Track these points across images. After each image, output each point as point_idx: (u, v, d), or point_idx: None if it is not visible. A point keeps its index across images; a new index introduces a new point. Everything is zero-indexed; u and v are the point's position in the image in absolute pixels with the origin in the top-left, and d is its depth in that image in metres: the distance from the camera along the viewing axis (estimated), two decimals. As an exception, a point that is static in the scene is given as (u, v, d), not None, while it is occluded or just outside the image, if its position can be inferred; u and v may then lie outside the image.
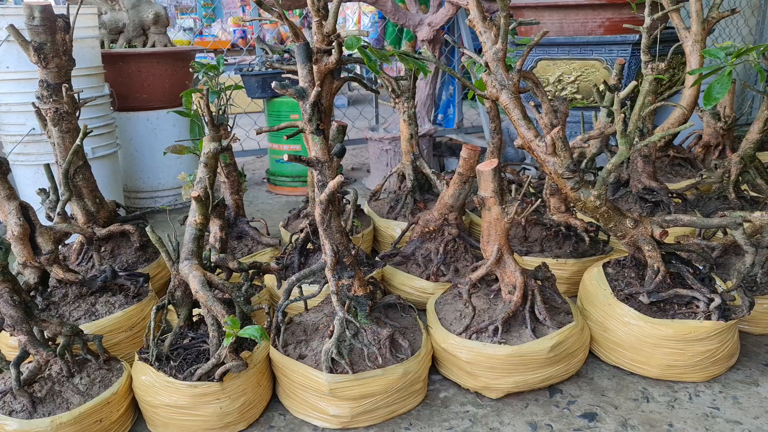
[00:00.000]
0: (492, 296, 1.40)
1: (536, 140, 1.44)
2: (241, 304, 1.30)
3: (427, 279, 1.69)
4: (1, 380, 1.21)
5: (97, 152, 2.33)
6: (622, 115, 1.30)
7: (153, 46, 2.81)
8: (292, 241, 1.89)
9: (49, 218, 1.53)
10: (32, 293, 1.42)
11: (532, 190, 2.23)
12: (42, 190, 1.56)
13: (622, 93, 1.41)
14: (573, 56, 2.88)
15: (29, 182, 2.28)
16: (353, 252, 1.35)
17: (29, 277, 1.42)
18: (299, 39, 1.52)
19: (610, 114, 2.09)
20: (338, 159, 1.44)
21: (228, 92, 1.92)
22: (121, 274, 1.51)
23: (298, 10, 6.74)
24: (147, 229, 1.30)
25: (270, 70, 2.95)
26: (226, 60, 2.34)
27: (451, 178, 1.71)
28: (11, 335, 1.31)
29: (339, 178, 1.21)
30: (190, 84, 3.00)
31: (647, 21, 1.94)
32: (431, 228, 1.80)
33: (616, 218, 1.41)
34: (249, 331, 1.15)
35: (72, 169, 1.65)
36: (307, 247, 1.75)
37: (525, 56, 1.50)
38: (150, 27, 2.77)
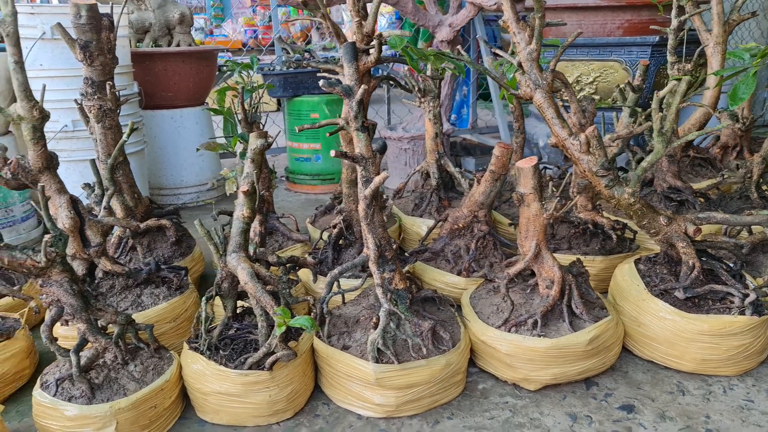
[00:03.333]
0: (528, 291, 1.44)
1: (570, 138, 1.48)
2: (286, 295, 1.33)
3: (458, 275, 1.73)
4: (56, 368, 1.24)
5: (127, 149, 2.36)
6: (660, 114, 1.33)
7: (178, 45, 2.85)
8: (322, 236, 1.93)
9: (91, 212, 1.56)
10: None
11: (554, 189, 2.26)
12: (87, 185, 1.60)
13: (663, 92, 1.44)
14: (592, 57, 2.91)
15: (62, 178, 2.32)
16: (394, 246, 1.38)
17: (78, 268, 1.45)
18: (340, 38, 1.56)
19: (633, 114, 2.12)
20: (380, 155, 1.47)
21: (260, 90, 1.96)
22: (163, 267, 1.55)
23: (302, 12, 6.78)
24: (196, 222, 1.33)
25: (292, 69, 2.99)
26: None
27: (482, 176, 1.75)
28: (64, 324, 1.36)
29: (384, 174, 1.25)
30: (213, 83, 3.04)
31: (674, 23, 1.97)
32: (460, 225, 1.83)
33: (650, 215, 1.44)
34: (300, 321, 1.19)
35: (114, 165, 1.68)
36: (339, 242, 1.79)
37: (559, 56, 1.54)
38: (175, 27, 2.81)
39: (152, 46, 2.81)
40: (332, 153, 1.28)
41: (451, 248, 1.83)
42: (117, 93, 1.66)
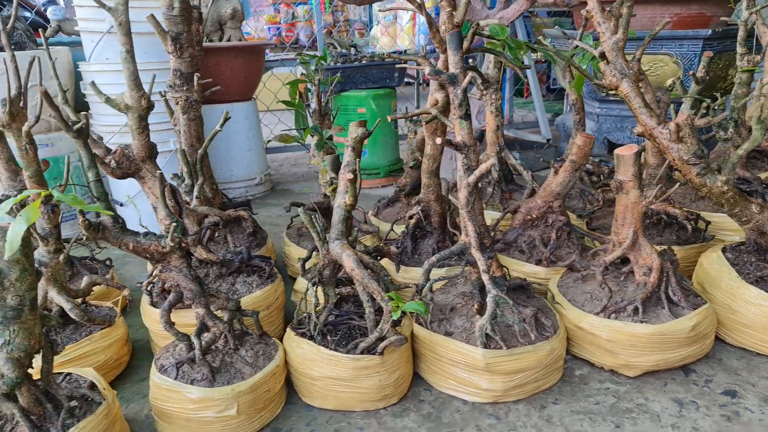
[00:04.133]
0: (622, 278, 1.45)
1: (659, 127, 1.49)
2: (388, 282, 1.35)
3: (536, 264, 1.74)
4: (168, 353, 1.26)
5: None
6: (761, 101, 1.34)
7: (229, 40, 2.87)
8: (393, 228, 1.95)
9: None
10: (177, 272, 1.47)
11: (591, 181, 2.26)
12: (176, 175, 1.61)
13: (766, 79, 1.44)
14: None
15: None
16: (491, 234, 1.39)
17: (174, 257, 1.47)
18: (432, 29, 1.57)
19: (694, 106, 2.13)
20: (479, 143, 1.48)
21: (332, 83, 1.98)
22: (254, 256, 1.56)
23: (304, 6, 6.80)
24: (300, 210, 1.35)
25: (339, 64, 3.00)
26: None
27: (560, 166, 1.76)
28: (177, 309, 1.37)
29: (492, 161, 1.26)
30: (260, 78, 3.05)
31: (745, 14, 1.98)
32: (534, 215, 1.84)
33: (742, 204, 1.45)
34: (413, 306, 1.20)
35: (194, 156, 1.70)
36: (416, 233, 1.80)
37: (645, 46, 1.54)
38: (227, 22, 2.83)
39: (205, 41, 2.83)
40: (438, 140, 1.29)
41: (525, 239, 1.84)
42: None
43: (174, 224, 1.12)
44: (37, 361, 1.07)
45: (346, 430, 1.23)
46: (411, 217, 1.81)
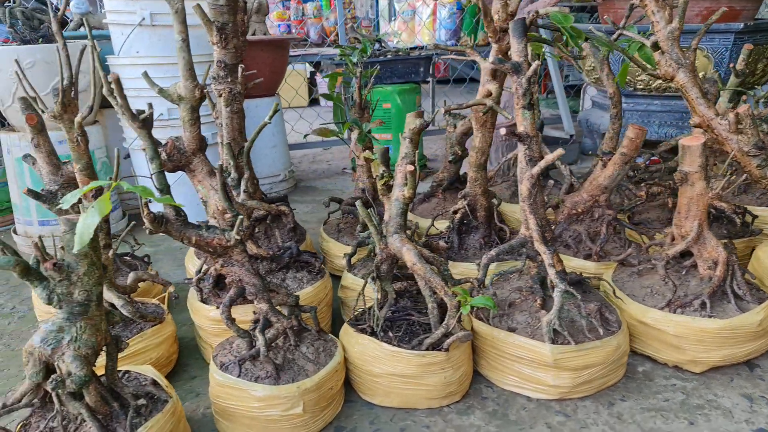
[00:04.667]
0: (684, 273, 1.42)
1: (718, 118, 1.45)
2: (448, 277, 1.31)
3: (584, 259, 1.71)
4: (224, 349, 1.23)
5: (216, 138, 2.35)
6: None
7: (254, 34, 2.84)
8: (433, 223, 1.91)
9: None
10: (228, 268, 1.44)
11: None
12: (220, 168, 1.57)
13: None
14: (669, 45, 2.87)
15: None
16: (552, 227, 1.36)
17: (224, 252, 1.44)
18: (487, 17, 1.53)
19: (732, 99, 2.10)
20: (540, 133, 1.45)
21: (371, 77, 1.94)
22: (302, 251, 1.53)
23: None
24: (357, 203, 1.32)
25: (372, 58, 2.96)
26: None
27: (609, 159, 1.72)
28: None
29: (560, 151, 1.23)
30: (285, 73, 3.02)
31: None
32: (579, 210, 1.81)
33: (805, 195, 1.42)
34: (482, 301, 1.17)
35: (236, 149, 1.67)
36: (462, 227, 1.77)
37: (701, 35, 1.52)
38: (252, 16, 2.79)
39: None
40: (503, 131, 1.26)
41: (570, 233, 1.81)
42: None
43: (240, 218, 1.09)
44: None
45: (411, 428, 1.19)
46: (455, 212, 1.78)
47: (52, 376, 0.95)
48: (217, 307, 1.38)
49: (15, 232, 2.36)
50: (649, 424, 1.18)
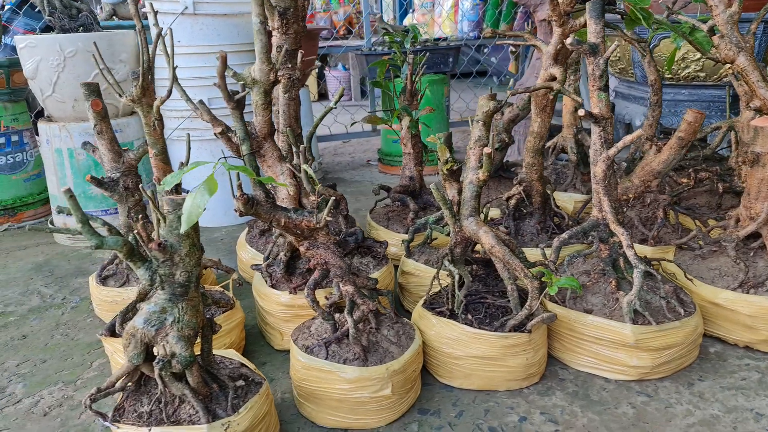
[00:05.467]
0: (751, 254, 1.42)
1: (781, 101, 1.46)
2: (524, 259, 1.31)
3: (639, 244, 1.71)
4: (302, 333, 1.22)
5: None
6: None
7: (284, 25, 2.82)
8: (484, 210, 1.91)
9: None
10: (296, 252, 1.44)
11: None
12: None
13: None
14: (699, 34, 2.88)
15: (191, 158, 2.30)
16: (623, 211, 1.36)
17: (292, 237, 1.44)
18: (553, 2, 1.53)
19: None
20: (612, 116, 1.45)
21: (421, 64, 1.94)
22: (366, 238, 1.53)
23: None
24: (432, 186, 1.32)
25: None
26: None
27: (664, 144, 1.73)
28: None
29: (639, 132, 1.23)
30: (314, 64, 3.01)
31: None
32: (630, 195, 1.81)
33: None
34: (567, 282, 1.17)
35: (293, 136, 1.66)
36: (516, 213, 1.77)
37: (760, 19, 1.52)
38: (282, 6, 2.77)
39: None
40: (580, 112, 1.26)
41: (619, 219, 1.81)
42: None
43: (332, 199, 1.08)
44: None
45: (495, 409, 1.19)
46: (508, 198, 1.78)
47: (158, 356, 0.95)
48: (290, 292, 1.38)
49: (52, 224, 2.35)
50: (732, 402, 1.18)
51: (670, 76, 3.04)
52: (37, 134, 2.37)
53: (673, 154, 1.72)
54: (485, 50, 4.29)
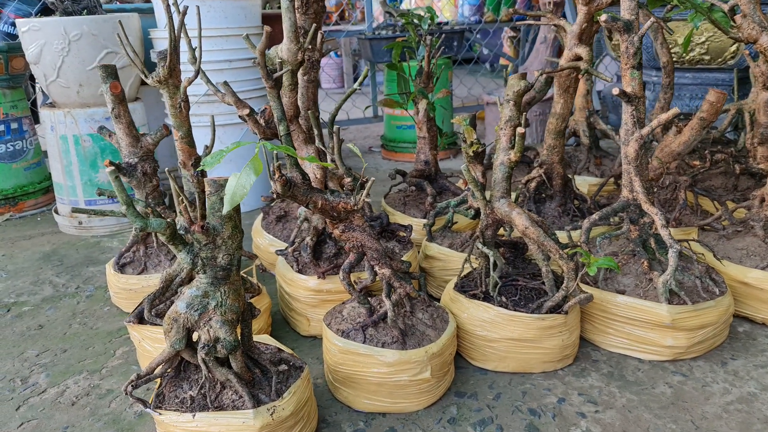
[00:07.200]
0: (778, 233, 1.42)
1: (805, 81, 1.45)
2: (556, 240, 1.30)
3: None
4: (334, 317, 1.20)
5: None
6: None
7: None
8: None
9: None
10: (322, 236, 1.41)
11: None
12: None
13: None
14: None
15: (199, 143, 2.25)
16: (654, 191, 1.35)
17: (317, 222, 1.41)
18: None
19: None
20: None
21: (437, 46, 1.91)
22: (391, 222, 1.51)
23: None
24: (463, 167, 1.30)
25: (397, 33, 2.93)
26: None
27: (685, 125, 1.72)
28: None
29: (675, 110, 1.22)
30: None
31: None
32: (651, 177, 1.81)
33: None
34: (606, 262, 1.16)
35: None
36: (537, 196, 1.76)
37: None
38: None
39: (268, 8, 2.73)
40: (615, 91, 1.24)
41: (639, 201, 1.81)
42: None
43: (371, 179, 1.06)
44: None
45: (531, 391, 1.19)
46: (529, 181, 1.77)
47: (203, 340, 0.92)
48: (319, 277, 1.36)
49: (56, 212, 2.30)
50: (767, 380, 1.18)
51: (675, 59, 3.04)
52: (36, 122, 2.31)
53: (695, 135, 1.71)
54: (477, 36, 4.26)
